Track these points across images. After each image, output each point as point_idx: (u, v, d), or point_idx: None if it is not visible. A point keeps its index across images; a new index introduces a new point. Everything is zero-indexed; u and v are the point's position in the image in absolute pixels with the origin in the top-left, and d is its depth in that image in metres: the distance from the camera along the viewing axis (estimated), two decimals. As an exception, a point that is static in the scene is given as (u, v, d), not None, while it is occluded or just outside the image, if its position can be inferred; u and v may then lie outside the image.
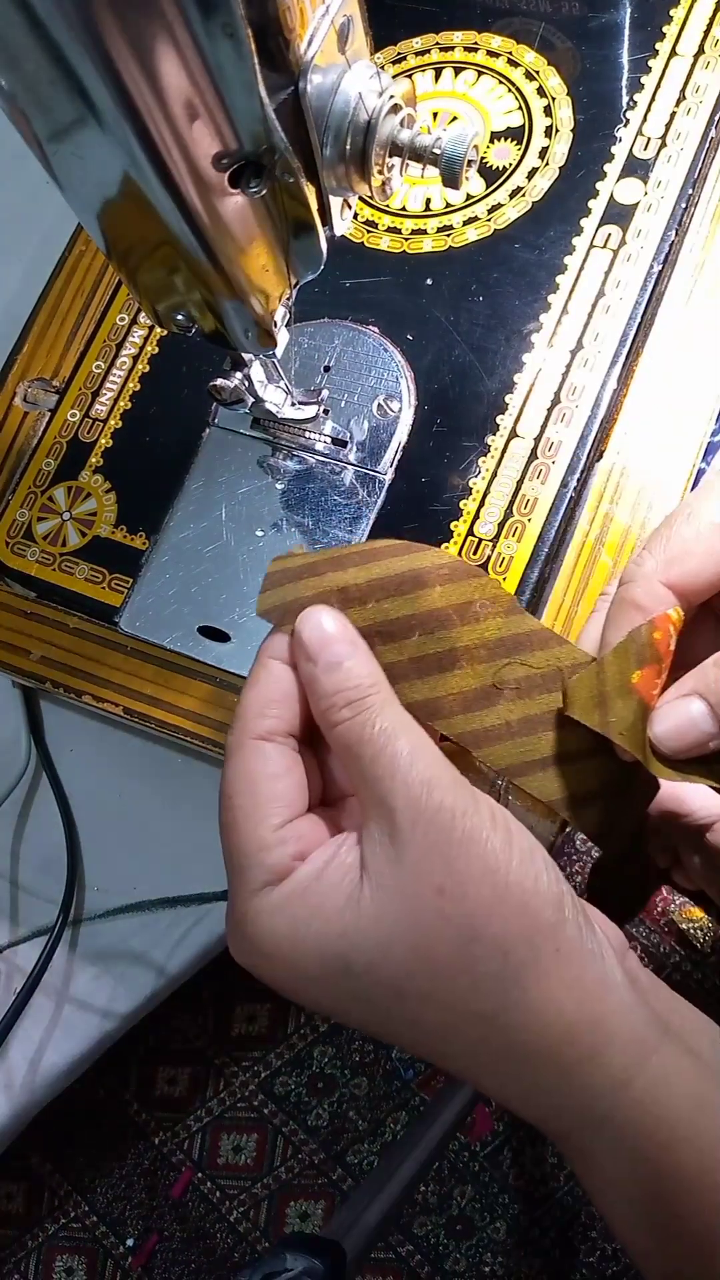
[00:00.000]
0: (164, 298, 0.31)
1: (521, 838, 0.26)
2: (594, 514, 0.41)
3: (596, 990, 0.25)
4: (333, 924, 0.26)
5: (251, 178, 0.26)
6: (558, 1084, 0.25)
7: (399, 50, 0.46)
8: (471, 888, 0.25)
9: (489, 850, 0.25)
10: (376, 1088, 0.98)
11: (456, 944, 0.25)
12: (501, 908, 0.25)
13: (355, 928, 0.26)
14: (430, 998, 0.26)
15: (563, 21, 0.45)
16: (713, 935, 0.94)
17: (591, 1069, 0.25)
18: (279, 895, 0.27)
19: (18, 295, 0.51)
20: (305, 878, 0.27)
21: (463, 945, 0.25)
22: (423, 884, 0.25)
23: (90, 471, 0.45)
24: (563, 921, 0.26)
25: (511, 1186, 0.94)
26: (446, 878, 0.25)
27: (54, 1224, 1.01)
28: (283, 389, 0.40)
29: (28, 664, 0.44)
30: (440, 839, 0.25)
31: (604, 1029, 0.25)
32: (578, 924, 0.26)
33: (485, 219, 0.43)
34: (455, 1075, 0.27)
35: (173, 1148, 1.01)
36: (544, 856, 0.27)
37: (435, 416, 0.42)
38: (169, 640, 0.42)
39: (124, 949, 0.48)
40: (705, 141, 0.42)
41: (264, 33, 0.24)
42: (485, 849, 0.25)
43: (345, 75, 0.28)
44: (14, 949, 0.49)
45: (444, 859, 0.25)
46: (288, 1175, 0.99)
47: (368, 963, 0.25)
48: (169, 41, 0.22)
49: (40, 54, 0.22)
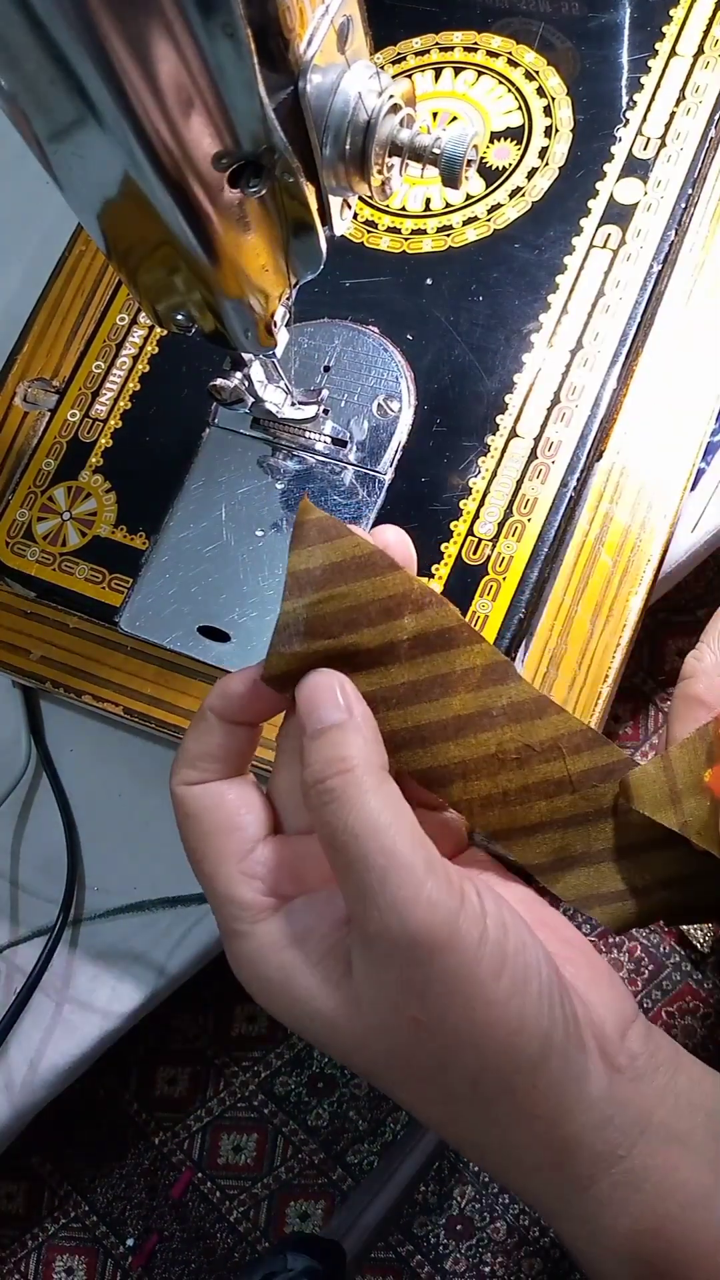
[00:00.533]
0: (164, 298, 0.31)
1: (517, 962, 0.24)
2: (594, 514, 0.41)
3: (568, 1116, 0.25)
4: (304, 1005, 0.25)
5: (251, 178, 0.26)
6: (522, 1179, 0.26)
7: (399, 50, 0.46)
8: (447, 1024, 0.24)
9: (471, 986, 0.24)
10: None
11: (428, 1068, 0.25)
12: (477, 1046, 0.24)
13: (327, 1020, 0.25)
14: (403, 1087, 0.26)
15: (562, 21, 0.45)
16: (713, 935, 0.94)
17: (554, 1176, 0.25)
18: (255, 943, 0.26)
19: (18, 295, 0.51)
20: (281, 938, 0.26)
21: (434, 1070, 0.25)
22: (399, 1012, 0.24)
23: (90, 471, 0.45)
24: (546, 1057, 0.24)
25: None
26: (422, 1012, 0.24)
27: (54, 1224, 1.01)
28: (283, 389, 0.40)
29: (28, 664, 0.44)
30: (415, 974, 0.24)
31: (569, 1148, 0.25)
32: (564, 1054, 0.24)
33: (485, 219, 0.43)
34: None
35: (173, 1148, 1.01)
36: (541, 980, 0.24)
37: (435, 416, 0.42)
38: (169, 640, 0.42)
39: (124, 949, 0.48)
40: (705, 141, 0.42)
41: (264, 32, 0.24)
42: (466, 985, 0.24)
43: (345, 75, 0.28)
44: (14, 949, 0.49)
45: (420, 994, 0.24)
46: (288, 1175, 0.99)
47: (342, 1048, 0.26)
48: (169, 41, 0.22)
49: (40, 54, 0.22)
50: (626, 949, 0.95)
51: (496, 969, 0.24)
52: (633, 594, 0.40)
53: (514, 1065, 0.24)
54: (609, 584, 0.40)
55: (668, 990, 0.94)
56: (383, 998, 0.24)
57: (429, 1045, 0.24)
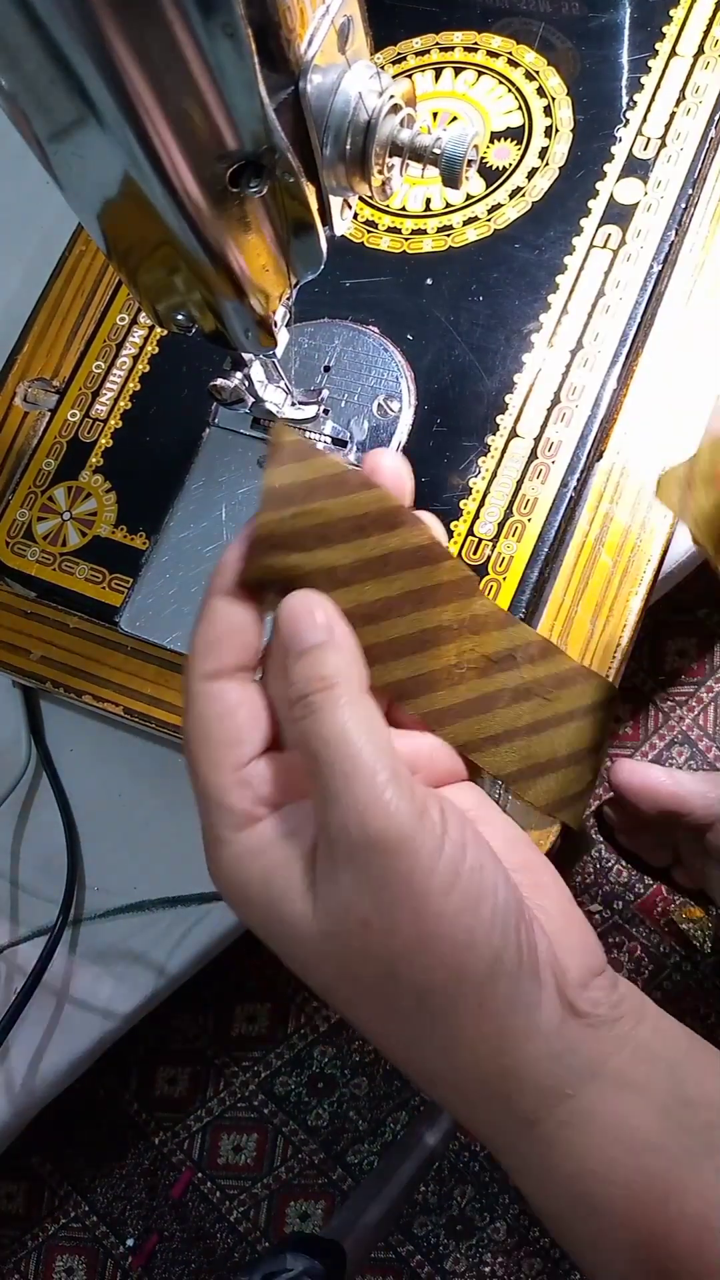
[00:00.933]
0: (164, 298, 0.31)
1: (471, 880, 0.25)
2: (594, 514, 0.41)
3: (514, 1044, 0.25)
4: (277, 908, 0.26)
5: (251, 178, 0.26)
6: (469, 1109, 0.26)
7: (399, 50, 0.46)
8: (397, 930, 0.24)
9: (422, 895, 0.24)
10: (376, 1088, 0.98)
11: (376, 976, 0.25)
12: (423, 956, 0.24)
13: (293, 926, 0.25)
14: (355, 1005, 0.26)
15: (562, 22, 0.45)
16: (713, 935, 0.94)
17: (500, 1107, 0.25)
18: (237, 849, 0.26)
19: (18, 295, 0.51)
20: (263, 842, 0.26)
21: (381, 979, 0.25)
22: (351, 913, 0.24)
23: (90, 471, 0.45)
24: (494, 977, 0.24)
25: (511, 1186, 0.94)
26: (374, 913, 0.24)
27: (54, 1224, 1.01)
28: (283, 389, 0.40)
29: (28, 664, 0.44)
30: (370, 875, 0.24)
31: (514, 1078, 0.25)
32: (514, 978, 0.25)
33: (485, 219, 0.43)
34: None
35: (173, 1148, 1.01)
36: (495, 903, 0.25)
37: (435, 416, 0.42)
38: (169, 640, 0.42)
39: (124, 949, 0.48)
40: (705, 141, 0.42)
41: (264, 33, 0.24)
42: (417, 893, 0.24)
43: (345, 75, 0.28)
44: (14, 949, 0.49)
45: (373, 895, 0.24)
46: (288, 1175, 0.99)
47: (302, 960, 0.26)
48: (169, 41, 0.22)
49: (40, 54, 0.22)
50: (627, 949, 0.95)
51: (448, 883, 0.24)
52: (633, 594, 0.40)
53: (459, 980, 0.24)
54: (609, 584, 0.40)
55: (668, 990, 0.94)
56: (337, 899, 0.25)
57: (377, 950, 0.24)
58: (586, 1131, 0.25)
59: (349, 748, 0.25)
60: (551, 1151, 0.25)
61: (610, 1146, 0.25)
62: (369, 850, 0.24)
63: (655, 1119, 0.25)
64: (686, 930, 0.95)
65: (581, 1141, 0.25)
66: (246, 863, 0.26)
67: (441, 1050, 0.25)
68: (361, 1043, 0.99)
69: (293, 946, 0.26)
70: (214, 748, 0.27)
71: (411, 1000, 0.25)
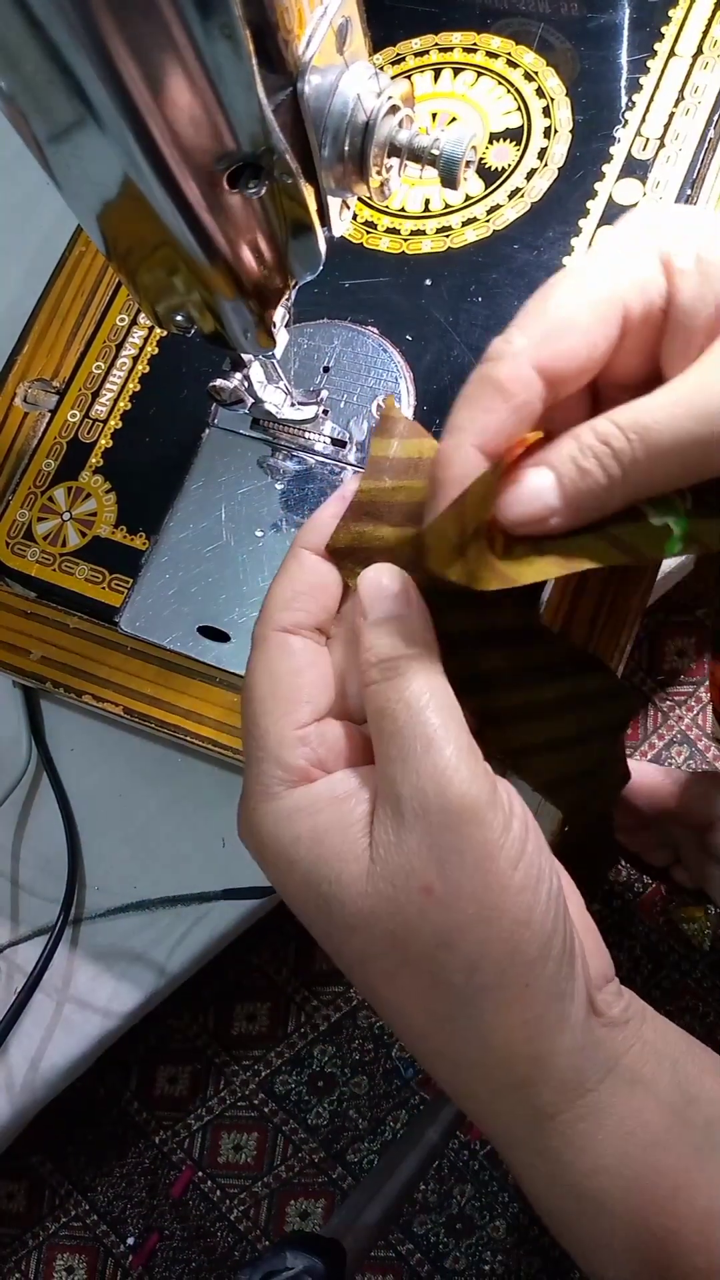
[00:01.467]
0: (164, 298, 0.31)
1: (534, 860, 0.25)
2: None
3: (548, 1031, 0.25)
4: (326, 867, 0.25)
5: (250, 178, 0.26)
6: (489, 1098, 0.26)
7: (398, 51, 0.46)
8: (460, 899, 0.24)
9: (490, 865, 0.24)
10: (376, 1087, 0.98)
11: (429, 944, 0.25)
12: (483, 928, 0.24)
13: (344, 886, 0.25)
14: (393, 978, 0.26)
15: (562, 22, 0.45)
16: (712, 935, 0.94)
17: (522, 1096, 0.25)
18: (288, 804, 0.26)
19: (18, 295, 0.51)
20: (319, 802, 0.26)
21: (434, 948, 0.25)
22: (413, 879, 0.24)
23: (90, 472, 0.45)
24: (544, 959, 0.25)
25: (511, 1185, 0.94)
26: (438, 880, 0.24)
27: (54, 1223, 1.02)
28: (282, 389, 0.40)
29: (28, 664, 0.44)
30: (440, 840, 0.24)
31: (542, 1066, 0.25)
32: (559, 962, 0.25)
33: (484, 220, 0.43)
34: None
35: (173, 1147, 1.01)
36: (551, 888, 0.25)
37: (435, 417, 0.42)
38: (169, 640, 0.42)
39: (124, 949, 0.49)
40: (704, 142, 0.42)
41: (262, 34, 0.24)
42: (487, 863, 0.24)
43: (343, 76, 0.28)
44: (14, 949, 0.49)
45: (439, 861, 0.24)
46: (288, 1174, 0.99)
47: (345, 922, 0.25)
48: (167, 42, 0.22)
49: (39, 55, 0.22)
50: (626, 948, 0.95)
51: (515, 858, 0.24)
52: (633, 594, 0.40)
53: (512, 957, 0.24)
54: (609, 584, 0.40)
55: (668, 990, 0.94)
56: (399, 863, 0.24)
57: (435, 918, 0.24)
58: (602, 1126, 0.25)
59: (431, 714, 0.25)
60: (567, 1146, 0.25)
61: (622, 1141, 0.25)
62: (444, 815, 0.24)
63: (663, 1115, 0.25)
64: (686, 930, 0.95)
65: (596, 1136, 0.25)
66: (297, 820, 0.26)
67: (477, 1029, 0.25)
68: (361, 1041, 0.99)
69: (337, 909, 0.25)
70: (280, 702, 0.27)
71: (460, 974, 0.25)
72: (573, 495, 0.26)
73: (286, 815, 0.26)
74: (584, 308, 0.26)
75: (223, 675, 0.42)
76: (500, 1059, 0.25)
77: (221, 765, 0.47)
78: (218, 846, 0.48)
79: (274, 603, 0.28)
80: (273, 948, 1.01)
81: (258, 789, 0.27)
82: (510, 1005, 0.25)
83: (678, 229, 0.27)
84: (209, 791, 0.49)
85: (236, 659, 0.41)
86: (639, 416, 0.25)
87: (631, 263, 0.27)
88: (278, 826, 0.26)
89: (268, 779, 0.27)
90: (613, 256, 0.27)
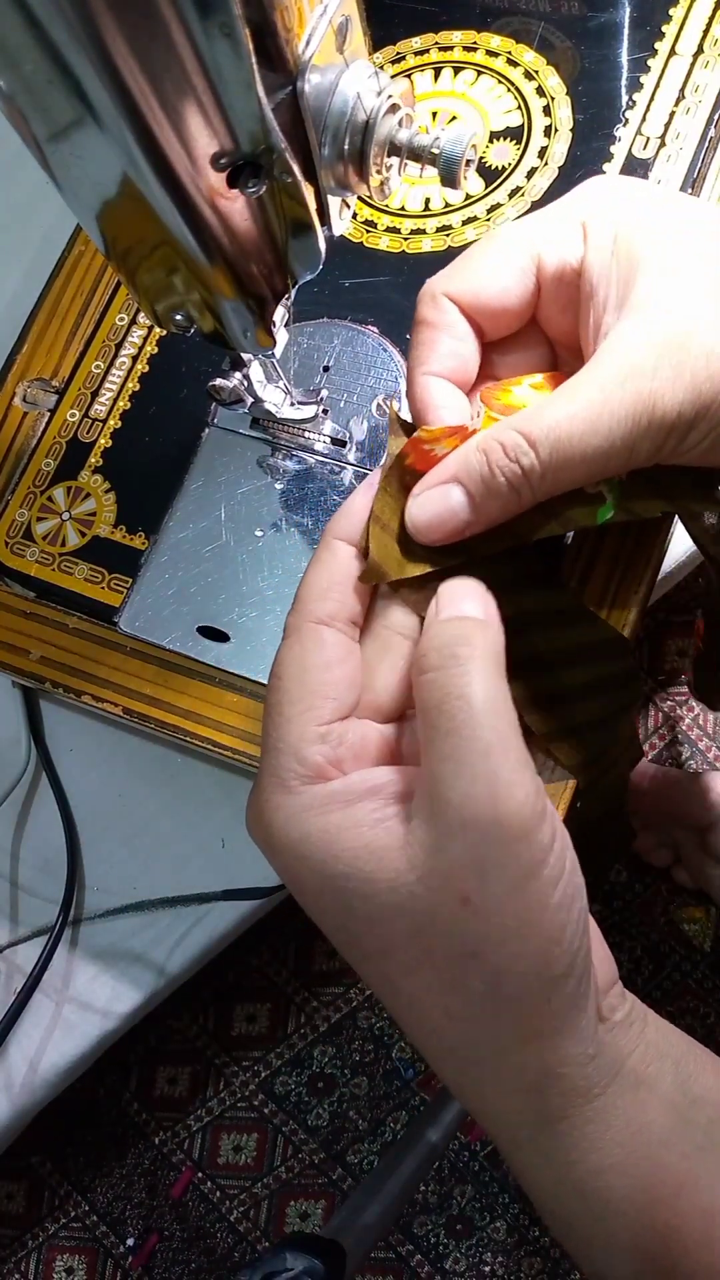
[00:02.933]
0: (163, 298, 0.31)
1: (571, 880, 0.25)
2: (593, 514, 0.41)
3: (563, 1044, 0.25)
4: (342, 864, 0.25)
5: (250, 178, 0.26)
6: (496, 1099, 0.26)
7: (398, 50, 0.46)
8: (498, 914, 0.24)
9: (533, 884, 0.24)
10: (376, 1088, 0.98)
11: (457, 951, 0.24)
12: (516, 944, 0.24)
13: (367, 881, 0.25)
14: (412, 973, 0.25)
15: (562, 21, 0.44)
16: (713, 935, 0.94)
17: (531, 1100, 0.25)
18: (305, 800, 0.26)
19: (18, 295, 0.51)
20: (338, 796, 0.26)
21: (462, 955, 0.24)
22: (451, 885, 0.24)
23: (90, 471, 0.45)
24: (567, 976, 0.25)
25: (511, 1186, 0.94)
26: (477, 892, 0.24)
27: (54, 1224, 1.01)
28: (282, 389, 0.40)
29: (28, 664, 0.44)
30: (487, 854, 0.24)
31: (554, 1076, 0.25)
32: (579, 979, 0.25)
33: (484, 219, 0.43)
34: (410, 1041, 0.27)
35: (173, 1147, 1.01)
36: (582, 905, 0.25)
37: (434, 416, 0.42)
38: (168, 640, 0.42)
39: (124, 949, 0.48)
40: (704, 141, 0.42)
41: (262, 32, 0.24)
42: (531, 881, 0.24)
43: (343, 75, 0.27)
44: (14, 949, 0.49)
45: (482, 873, 0.24)
46: (288, 1175, 0.99)
47: (368, 915, 0.25)
48: (167, 42, 0.22)
49: (38, 54, 0.22)
50: (626, 948, 0.95)
51: (556, 878, 0.24)
52: (633, 594, 0.40)
53: (539, 973, 0.24)
54: (609, 584, 0.40)
55: (668, 990, 0.94)
56: (437, 867, 0.24)
57: (470, 928, 0.24)
58: (610, 1127, 0.25)
59: (494, 717, 0.24)
60: (574, 1147, 0.25)
61: (629, 1142, 0.25)
62: (496, 829, 0.23)
63: (666, 1115, 0.26)
64: (687, 930, 0.95)
65: (603, 1137, 0.25)
66: (310, 816, 0.26)
67: (492, 1034, 0.25)
68: (362, 1043, 0.99)
69: (359, 903, 0.25)
70: (308, 695, 0.27)
71: (484, 983, 0.24)
72: (483, 507, 0.27)
73: (300, 811, 0.26)
74: (497, 251, 0.29)
75: (222, 675, 0.41)
76: (512, 1065, 0.25)
77: (221, 765, 0.47)
78: (218, 847, 0.48)
79: (309, 592, 0.28)
80: (273, 948, 1.01)
81: (273, 780, 0.26)
82: (530, 1018, 0.25)
83: (608, 201, 0.29)
84: (209, 791, 0.48)
85: (236, 659, 0.41)
86: (544, 430, 0.26)
87: (553, 222, 0.29)
88: (290, 822, 0.26)
89: (284, 772, 0.26)
90: (540, 214, 0.30)
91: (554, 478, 0.26)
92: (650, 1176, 0.25)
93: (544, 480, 0.26)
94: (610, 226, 0.28)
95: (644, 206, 0.28)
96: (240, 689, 0.41)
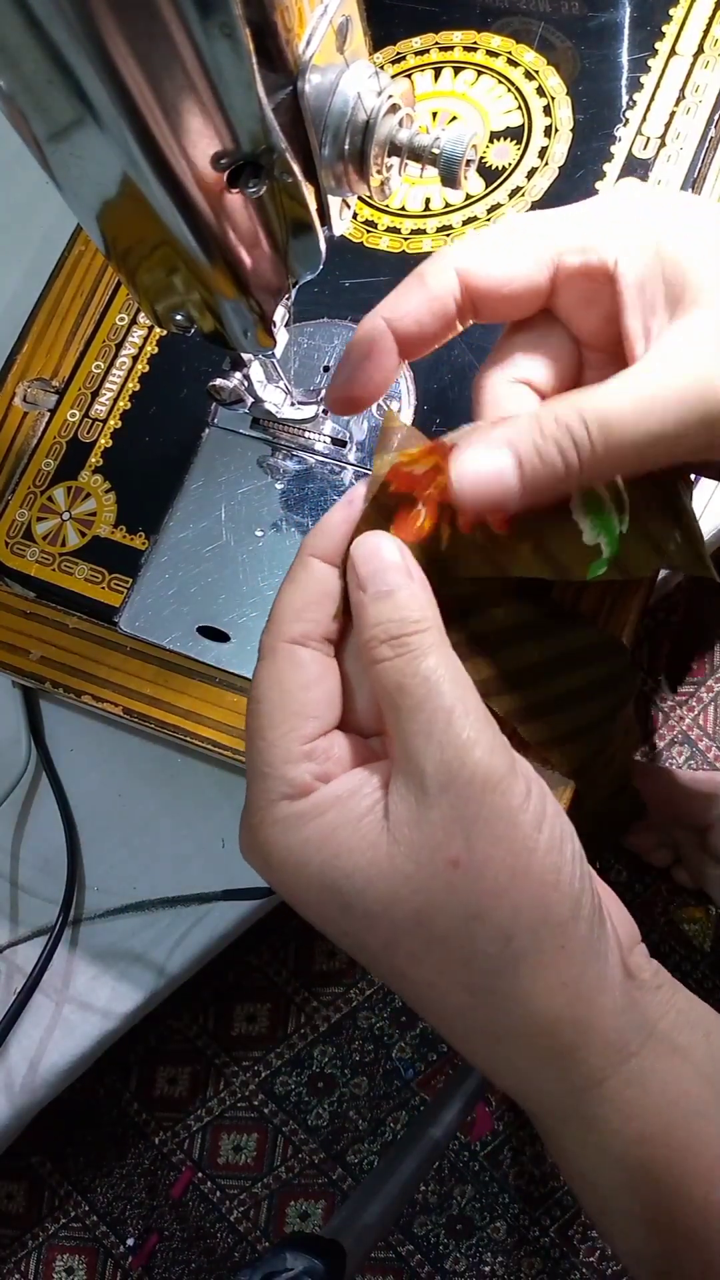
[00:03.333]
0: (163, 298, 0.31)
1: (555, 823, 0.25)
2: (593, 514, 0.41)
3: (589, 992, 0.25)
4: (340, 861, 0.25)
5: (250, 178, 0.26)
6: (532, 1070, 0.26)
7: (398, 50, 0.46)
8: (489, 867, 0.24)
9: (516, 831, 0.24)
10: (376, 1088, 0.98)
11: (459, 919, 0.25)
12: (514, 894, 0.24)
13: (362, 874, 0.25)
14: (421, 960, 0.25)
15: (562, 21, 0.44)
16: (713, 935, 0.94)
17: (567, 1064, 0.25)
18: (294, 811, 0.26)
19: (18, 295, 0.51)
20: (324, 803, 0.26)
21: (465, 921, 0.24)
22: (439, 853, 0.24)
23: (90, 471, 0.45)
24: (575, 919, 0.25)
25: (511, 1186, 0.94)
26: (465, 851, 0.24)
27: (54, 1223, 1.01)
28: (282, 389, 0.40)
29: (28, 664, 0.44)
30: (466, 810, 0.24)
31: (586, 1030, 0.25)
32: (590, 922, 0.25)
33: (485, 219, 0.43)
34: (433, 1028, 0.27)
35: (173, 1147, 1.01)
36: (574, 848, 0.25)
37: (435, 416, 0.42)
38: (169, 640, 0.42)
39: (124, 949, 0.48)
40: (704, 141, 0.42)
41: (262, 32, 0.24)
42: (512, 829, 0.24)
43: (344, 75, 0.27)
44: (14, 949, 0.49)
45: (465, 832, 0.24)
46: (288, 1175, 0.99)
47: (366, 911, 0.25)
48: (167, 41, 0.22)
49: (38, 54, 0.22)
50: (627, 949, 0.95)
51: (537, 820, 0.25)
52: (633, 594, 0.40)
53: (545, 919, 0.24)
54: (609, 584, 0.40)
55: (668, 990, 0.94)
56: (421, 840, 0.24)
57: (464, 890, 0.24)
58: (648, 1092, 0.25)
59: (449, 686, 0.25)
60: (615, 1113, 0.25)
61: (668, 1110, 0.25)
62: (469, 786, 0.24)
63: (701, 1087, 0.25)
64: (687, 931, 0.95)
65: (643, 1102, 0.25)
66: (303, 823, 0.26)
67: (516, 997, 0.25)
68: (362, 1042, 0.99)
69: (356, 900, 0.25)
70: (289, 716, 0.27)
71: (495, 943, 0.24)
72: (531, 481, 0.26)
73: (293, 821, 0.26)
74: (516, 236, 0.29)
75: (222, 675, 0.41)
76: (542, 1026, 0.25)
77: (221, 765, 0.47)
78: (218, 847, 0.48)
79: (283, 613, 0.28)
80: (272, 948, 1.01)
81: (262, 803, 0.27)
82: (548, 968, 0.25)
83: (643, 205, 0.28)
84: (209, 791, 0.48)
85: (236, 659, 0.41)
86: (601, 408, 0.26)
87: (581, 221, 0.29)
88: (285, 834, 0.26)
89: (273, 794, 0.26)
90: (564, 212, 0.29)
91: (605, 453, 0.26)
92: (690, 1148, 0.25)
93: (593, 454, 0.26)
94: (650, 230, 0.28)
95: (678, 209, 0.28)
96: (240, 689, 0.41)
